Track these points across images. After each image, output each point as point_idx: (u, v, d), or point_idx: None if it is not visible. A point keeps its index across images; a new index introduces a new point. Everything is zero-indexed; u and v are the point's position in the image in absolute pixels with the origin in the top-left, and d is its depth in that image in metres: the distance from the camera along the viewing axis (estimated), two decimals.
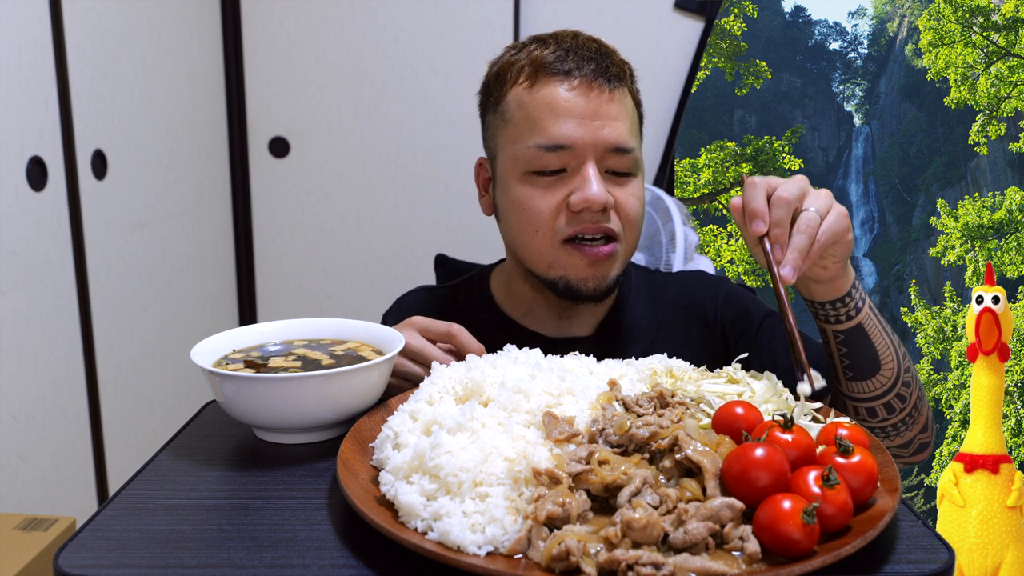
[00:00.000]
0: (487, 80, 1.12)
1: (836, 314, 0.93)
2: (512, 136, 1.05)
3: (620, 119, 1.04)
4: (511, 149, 1.05)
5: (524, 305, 1.16)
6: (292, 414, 0.82)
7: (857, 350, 0.95)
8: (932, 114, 14.06)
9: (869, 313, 0.94)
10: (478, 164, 1.16)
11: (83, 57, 1.64)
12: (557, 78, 1.03)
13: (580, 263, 1.04)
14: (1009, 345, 2.16)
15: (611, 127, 1.02)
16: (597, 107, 1.02)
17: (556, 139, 1.01)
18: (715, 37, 9.69)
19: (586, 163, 1.02)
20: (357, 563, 0.62)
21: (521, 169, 1.04)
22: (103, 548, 0.65)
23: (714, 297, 1.18)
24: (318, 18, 2.25)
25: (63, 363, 1.59)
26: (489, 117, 1.11)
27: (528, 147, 1.03)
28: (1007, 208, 7.92)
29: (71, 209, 1.61)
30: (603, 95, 1.03)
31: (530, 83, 1.04)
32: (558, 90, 1.02)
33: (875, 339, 0.95)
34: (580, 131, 1.01)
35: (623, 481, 0.64)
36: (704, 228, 9.94)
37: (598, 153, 1.02)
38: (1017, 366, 6.79)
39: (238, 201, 2.33)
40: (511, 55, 1.08)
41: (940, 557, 0.62)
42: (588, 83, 1.02)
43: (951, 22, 8.75)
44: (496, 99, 1.09)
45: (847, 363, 0.97)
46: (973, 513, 2.12)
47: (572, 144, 1.01)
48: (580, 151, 1.02)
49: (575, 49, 1.05)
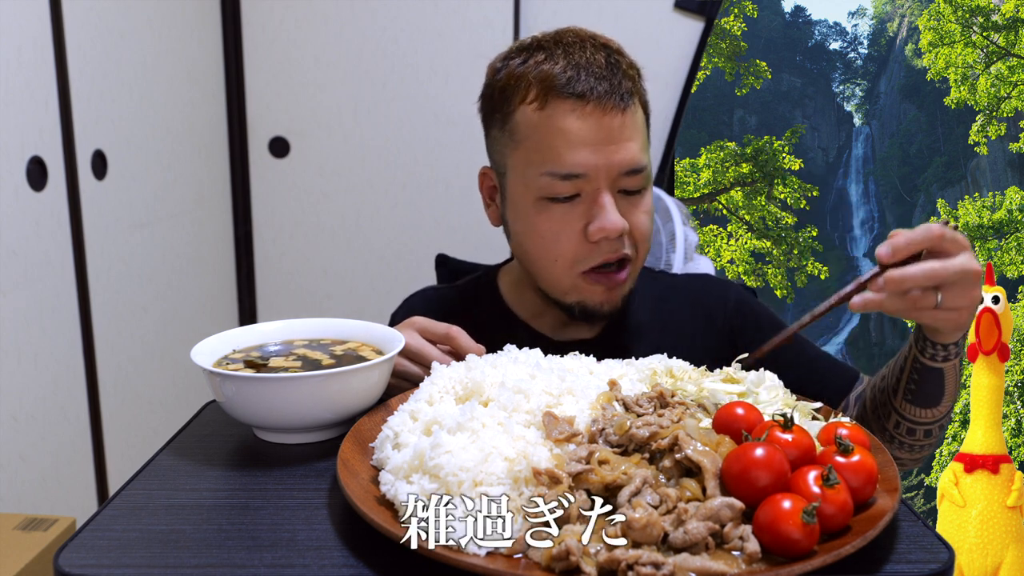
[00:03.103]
0: (490, 90, 1.09)
1: (933, 352, 0.93)
2: (523, 159, 1.03)
3: (633, 138, 1.02)
4: (522, 172, 1.04)
5: (533, 307, 1.16)
6: (292, 414, 0.82)
7: (927, 385, 0.96)
8: (932, 114, 14.07)
9: (956, 364, 0.95)
10: (482, 173, 1.14)
11: (83, 57, 1.64)
12: (569, 102, 1.00)
13: (598, 290, 1.05)
14: (1009, 345, 2.16)
15: (624, 149, 1.01)
16: (610, 132, 1.00)
17: (570, 168, 1.00)
18: (715, 37, 9.69)
19: (600, 190, 1.01)
20: (357, 563, 0.63)
21: (533, 195, 1.03)
22: (103, 548, 0.65)
23: (723, 301, 1.18)
24: (318, 18, 2.24)
25: (63, 363, 1.59)
26: (495, 131, 1.08)
27: (541, 175, 1.01)
28: (1007, 208, 7.92)
29: (71, 209, 1.61)
30: (616, 118, 1.00)
31: (540, 104, 1.01)
32: (571, 117, 1.00)
33: (948, 384, 0.96)
34: (594, 158, 1.00)
35: (623, 481, 0.64)
36: (704, 228, 9.94)
37: (611, 177, 1.01)
38: (1017, 366, 6.79)
39: (238, 201, 2.33)
40: (516, 66, 1.05)
41: (940, 557, 0.62)
42: (601, 107, 1.00)
43: (951, 22, 8.75)
44: (503, 115, 1.06)
45: (912, 387, 0.97)
46: (973, 513, 2.12)
47: (586, 172, 1.00)
48: (594, 178, 1.00)
49: (585, 66, 1.01)
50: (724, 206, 10.08)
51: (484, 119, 1.11)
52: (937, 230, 0.81)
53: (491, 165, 1.13)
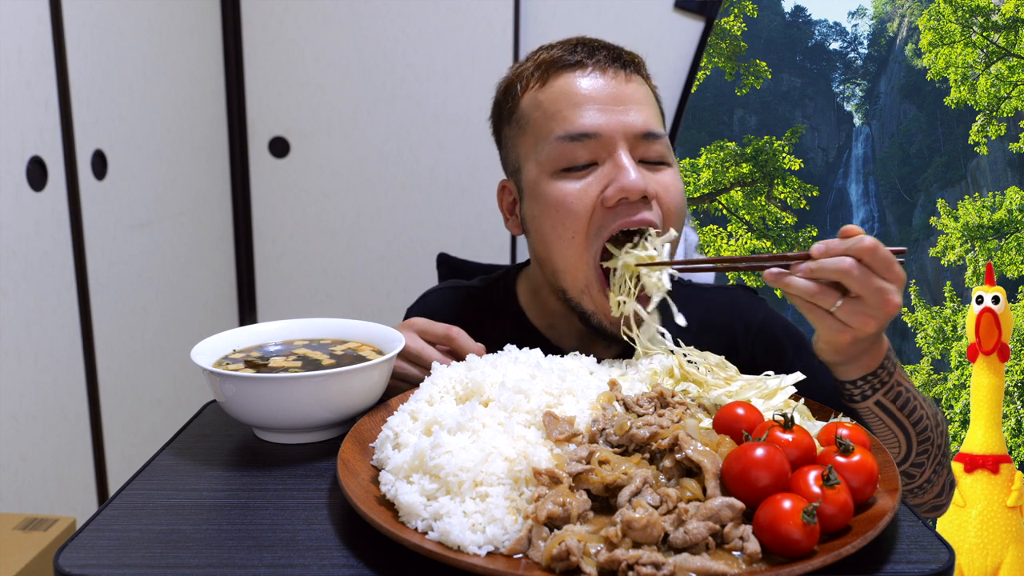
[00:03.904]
0: (497, 99, 1.08)
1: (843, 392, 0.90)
2: (533, 139, 1.01)
3: (642, 104, 0.99)
4: (534, 152, 1.00)
5: (550, 317, 1.12)
6: (292, 414, 0.82)
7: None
8: (932, 114, 14.05)
9: (871, 407, 0.89)
10: (500, 188, 1.10)
11: (83, 57, 1.64)
12: (568, 69, 0.99)
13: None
14: (1009, 345, 2.16)
15: (636, 111, 0.97)
16: (617, 91, 0.97)
17: (580, 127, 0.96)
18: (715, 37, 9.68)
19: (617, 151, 0.96)
20: (357, 563, 0.62)
21: (549, 168, 0.98)
22: (103, 548, 0.65)
23: (746, 325, 1.13)
24: (318, 18, 2.25)
25: (63, 363, 1.59)
26: (505, 132, 1.07)
27: (551, 141, 0.98)
28: (1007, 208, 7.92)
29: (71, 209, 1.61)
30: (620, 78, 0.99)
31: (542, 82, 1.01)
32: (573, 78, 0.99)
33: (874, 427, 0.91)
34: (604, 117, 0.96)
35: (623, 481, 0.64)
36: (704, 228, 9.94)
37: (628, 140, 0.96)
38: (1017, 366, 6.79)
39: (238, 201, 2.33)
40: (518, 67, 1.05)
41: (940, 557, 0.62)
42: (603, 68, 0.98)
43: (951, 22, 8.75)
44: (509, 110, 1.05)
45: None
46: (973, 513, 2.12)
47: (598, 131, 0.95)
48: (608, 139, 0.96)
49: (583, 43, 1.02)
50: (724, 206, 10.08)
51: (495, 127, 1.10)
52: (871, 243, 0.77)
53: (508, 175, 1.09)
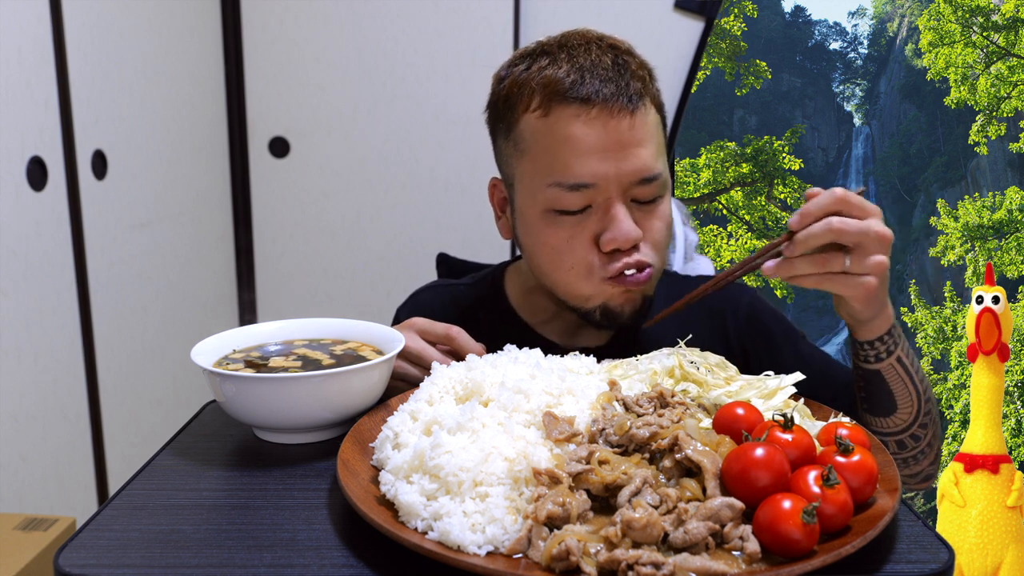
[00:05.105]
0: (495, 99, 1.05)
1: (864, 353, 0.93)
2: (529, 170, 0.99)
3: (644, 144, 0.96)
4: (529, 184, 1.00)
5: (542, 313, 1.13)
6: (292, 414, 0.82)
7: (875, 392, 0.95)
8: (932, 114, 14.06)
9: (893, 364, 0.93)
10: (492, 184, 1.10)
11: (83, 57, 1.64)
12: (573, 107, 0.95)
13: (617, 291, 1.00)
14: (1009, 345, 2.16)
15: (635, 156, 0.95)
16: (619, 137, 0.95)
17: (578, 178, 0.95)
18: (715, 37, 9.68)
19: (612, 200, 0.96)
20: (357, 563, 0.62)
21: (541, 208, 0.98)
22: (103, 548, 0.65)
23: (734, 308, 1.14)
24: (318, 18, 2.25)
25: (63, 363, 1.59)
26: (501, 142, 1.05)
27: (548, 186, 0.97)
28: (1007, 208, 7.92)
29: (71, 209, 1.61)
30: (624, 121, 0.95)
31: (543, 112, 0.97)
32: (576, 123, 0.95)
33: (894, 386, 0.94)
34: (603, 167, 0.94)
35: (623, 481, 0.64)
36: (704, 228, 9.94)
37: (623, 186, 0.96)
38: (1017, 366, 6.79)
39: (238, 201, 2.33)
40: (519, 73, 1.01)
41: (940, 557, 0.62)
42: (608, 110, 0.94)
43: (951, 22, 8.75)
44: (507, 124, 1.02)
45: (864, 396, 0.96)
46: (973, 513, 2.12)
47: (595, 182, 0.95)
48: (604, 188, 0.95)
49: (589, 68, 0.96)
50: (724, 206, 10.08)
51: (491, 129, 1.08)
52: (840, 192, 0.81)
53: (500, 174, 1.09)
